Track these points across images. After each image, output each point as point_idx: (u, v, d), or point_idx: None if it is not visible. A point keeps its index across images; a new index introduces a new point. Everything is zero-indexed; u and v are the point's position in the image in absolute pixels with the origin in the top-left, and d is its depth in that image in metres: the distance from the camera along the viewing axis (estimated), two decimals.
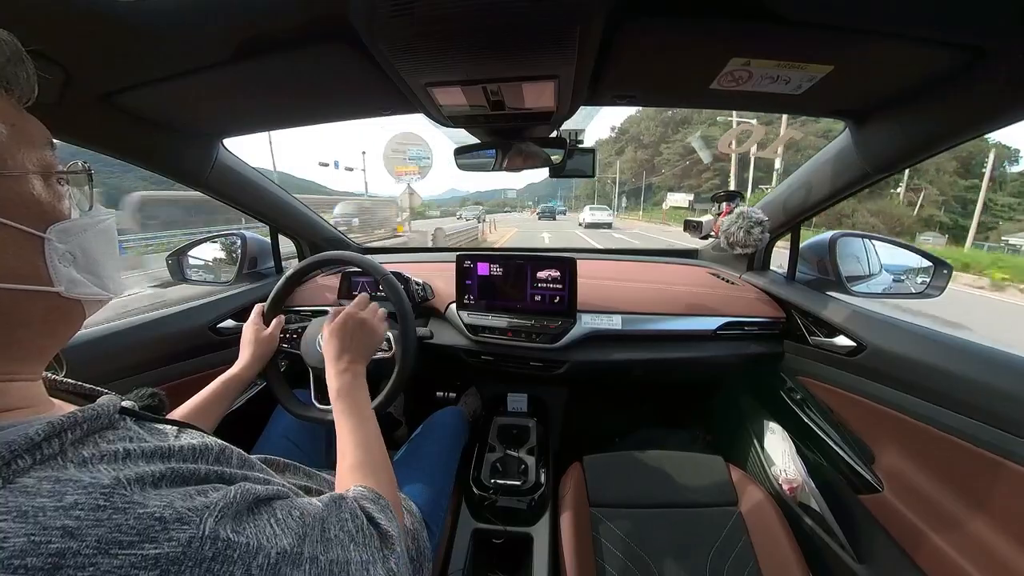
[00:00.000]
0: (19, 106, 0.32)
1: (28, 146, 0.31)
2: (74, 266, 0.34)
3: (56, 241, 0.33)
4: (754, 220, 1.10)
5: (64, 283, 0.33)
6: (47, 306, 0.33)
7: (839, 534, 0.92)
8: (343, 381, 0.67)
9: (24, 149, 0.31)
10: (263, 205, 1.26)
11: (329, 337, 0.72)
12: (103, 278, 0.37)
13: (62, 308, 0.34)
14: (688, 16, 0.55)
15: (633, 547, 0.87)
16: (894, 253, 1.10)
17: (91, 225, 0.36)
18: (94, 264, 0.36)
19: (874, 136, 0.83)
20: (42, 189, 0.32)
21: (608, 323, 1.12)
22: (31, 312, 0.32)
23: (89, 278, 0.36)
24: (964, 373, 0.70)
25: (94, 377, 0.89)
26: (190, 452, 0.33)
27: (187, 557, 0.26)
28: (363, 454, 0.57)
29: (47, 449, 0.27)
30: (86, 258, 0.36)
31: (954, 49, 0.57)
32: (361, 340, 0.74)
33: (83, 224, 0.35)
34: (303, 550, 0.33)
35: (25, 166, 0.31)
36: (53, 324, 0.34)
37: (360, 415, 0.63)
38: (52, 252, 0.32)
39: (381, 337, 0.78)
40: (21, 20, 0.50)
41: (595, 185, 64.67)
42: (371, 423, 0.63)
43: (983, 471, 0.66)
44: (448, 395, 1.55)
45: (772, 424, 1.17)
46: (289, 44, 0.60)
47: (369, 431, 0.61)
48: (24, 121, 0.32)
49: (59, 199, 0.34)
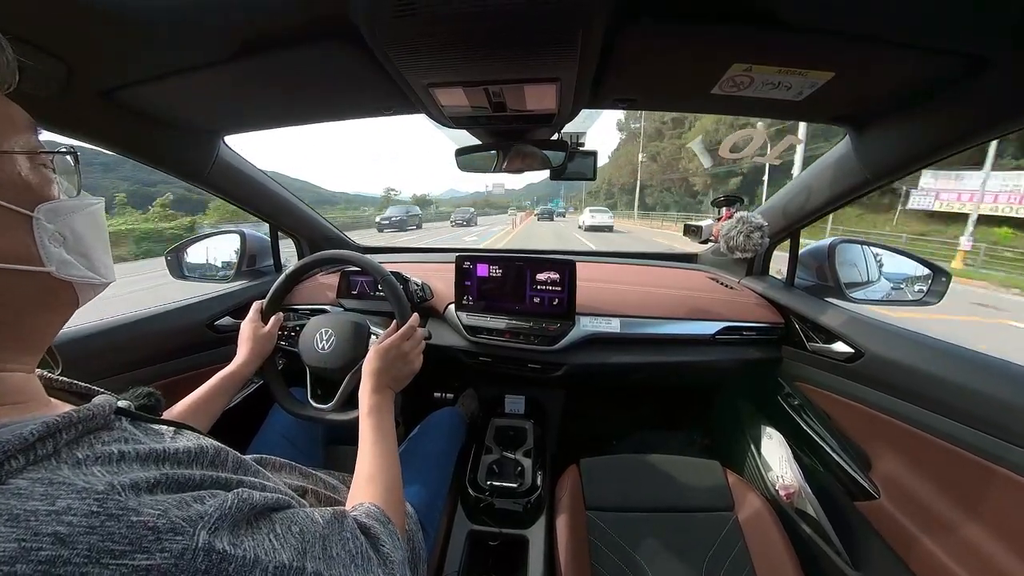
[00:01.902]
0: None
1: (11, 129, 0.32)
2: (64, 247, 0.35)
3: (44, 220, 0.33)
4: (754, 225, 1.10)
5: (55, 263, 0.33)
6: (39, 288, 0.33)
7: (835, 540, 0.92)
8: (375, 401, 0.70)
9: (7, 132, 0.31)
10: (263, 203, 1.26)
11: (374, 355, 0.76)
12: (94, 261, 0.37)
13: (54, 290, 0.34)
14: (690, 21, 0.55)
15: (629, 551, 0.87)
16: (893, 260, 1.11)
17: (79, 207, 0.37)
18: (84, 246, 0.37)
19: (874, 143, 0.83)
20: (28, 171, 0.32)
21: (607, 326, 1.12)
22: (23, 294, 0.32)
23: (80, 260, 0.36)
24: (962, 381, 0.70)
25: (90, 373, 0.88)
26: (185, 455, 0.33)
27: (179, 570, 0.25)
28: (379, 468, 0.60)
29: (41, 450, 0.27)
30: (76, 240, 0.36)
31: (955, 57, 0.57)
32: (400, 370, 0.77)
33: (71, 206, 0.36)
34: (304, 566, 0.33)
35: (11, 147, 0.31)
36: (45, 308, 0.34)
37: (384, 435, 0.66)
38: (41, 232, 0.33)
39: (415, 370, 0.80)
40: (23, 15, 0.50)
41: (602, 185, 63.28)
42: (393, 443, 0.66)
43: (979, 478, 0.66)
44: (446, 396, 1.55)
45: (769, 429, 1.17)
46: (291, 42, 0.60)
47: (389, 449, 0.64)
48: (5, 105, 0.32)
49: (47, 182, 0.34)
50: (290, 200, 1.34)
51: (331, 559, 0.36)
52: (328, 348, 0.88)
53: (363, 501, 0.53)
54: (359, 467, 0.60)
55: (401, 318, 0.83)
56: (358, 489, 0.57)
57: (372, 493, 0.55)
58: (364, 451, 0.62)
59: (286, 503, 0.37)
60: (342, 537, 0.39)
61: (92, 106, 0.72)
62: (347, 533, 0.40)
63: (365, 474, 0.59)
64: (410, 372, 0.79)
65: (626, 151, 56.59)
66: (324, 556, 0.35)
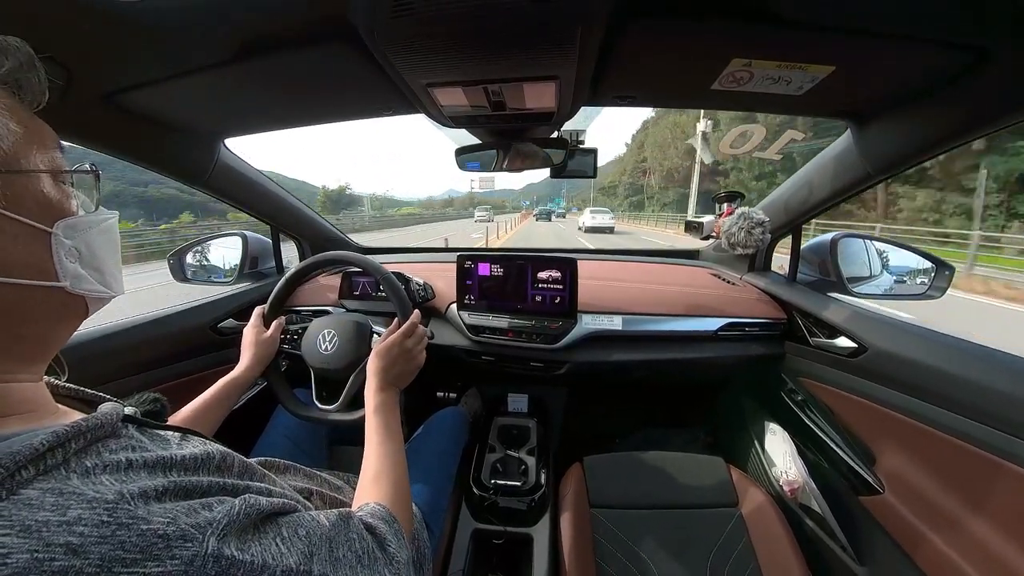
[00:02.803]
0: (29, 110, 0.33)
1: (40, 147, 0.33)
2: (79, 262, 0.35)
3: (63, 236, 0.33)
4: (755, 221, 1.10)
5: (70, 278, 0.34)
6: (52, 301, 0.34)
7: (840, 536, 0.91)
8: (380, 399, 0.70)
9: (36, 149, 0.32)
10: (265, 205, 1.26)
11: (375, 356, 0.76)
12: (106, 275, 0.38)
13: (67, 304, 0.35)
14: (689, 17, 0.55)
15: (633, 548, 0.87)
16: (895, 254, 1.10)
17: (96, 223, 0.37)
18: (98, 261, 0.37)
19: (876, 137, 0.82)
20: (51, 187, 0.33)
21: (609, 324, 1.11)
22: (37, 307, 0.32)
23: (93, 274, 0.37)
24: (965, 375, 0.69)
25: (94, 377, 0.89)
26: (192, 462, 0.33)
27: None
28: (385, 467, 0.60)
29: (51, 460, 0.27)
30: (91, 254, 0.36)
31: (957, 50, 0.57)
32: (403, 367, 0.77)
33: (88, 221, 0.36)
34: (311, 569, 0.33)
35: (37, 165, 0.32)
36: (56, 320, 0.35)
37: (391, 433, 0.66)
38: (59, 248, 0.33)
39: (419, 366, 0.80)
40: (24, 19, 0.50)
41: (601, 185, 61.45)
42: (399, 442, 0.66)
43: (984, 473, 0.66)
44: (449, 395, 1.55)
45: (773, 425, 1.17)
46: (291, 44, 0.61)
47: (396, 448, 0.64)
48: (35, 124, 0.33)
49: (66, 198, 0.35)
50: (291, 202, 1.34)
51: (337, 561, 0.36)
52: (331, 349, 0.88)
53: (369, 501, 0.53)
54: (365, 466, 0.60)
55: (403, 315, 0.84)
56: (364, 488, 0.57)
57: (378, 492, 0.55)
58: (370, 450, 0.62)
59: (292, 507, 0.37)
60: (348, 538, 0.40)
61: (93, 110, 0.72)
62: (353, 534, 0.41)
63: (372, 473, 0.59)
64: (414, 368, 0.79)
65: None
66: (331, 558, 0.36)
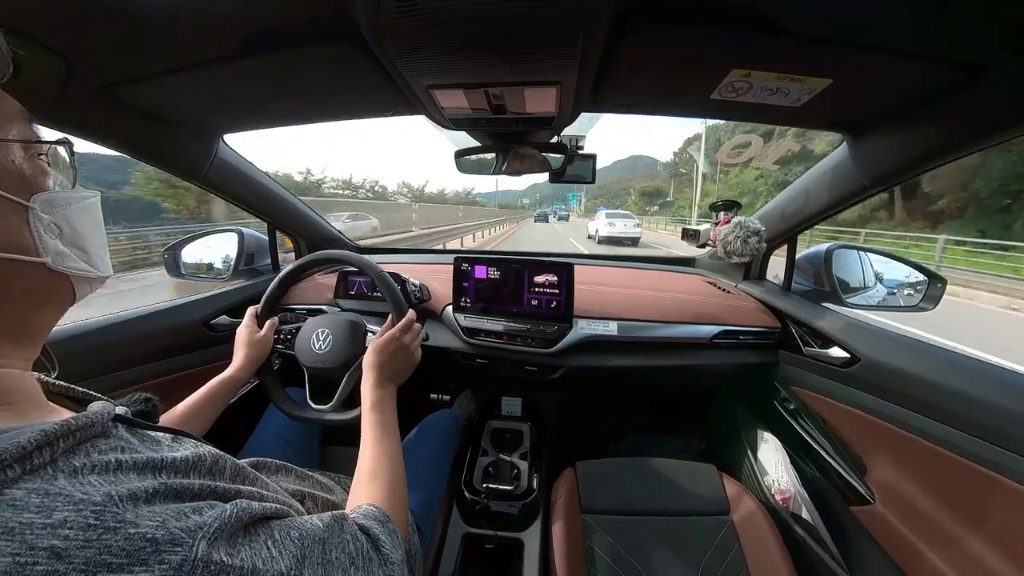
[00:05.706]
0: None
1: (4, 118, 0.32)
2: (60, 239, 0.34)
3: (40, 211, 0.33)
4: (751, 230, 1.11)
5: (51, 254, 0.33)
6: (35, 280, 0.33)
7: (831, 545, 0.92)
8: (376, 396, 0.70)
9: (1, 121, 0.31)
10: (262, 202, 1.26)
11: (372, 352, 0.75)
12: (90, 254, 0.37)
13: (49, 284, 0.34)
14: (690, 26, 0.55)
15: (624, 554, 0.87)
16: (889, 266, 1.11)
17: (75, 199, 0.37)
18: (81, 239, 0.36)
19: (872, 149, 0.83)
20: (23, 160, 0.32)
21: (604, 329, 1.12)
22: (18, 286, 0.32)
23: (76, 252, 0.36)
24: (957, 386, 0.70)
25: (85, 372, 0.88)
26: (183, 464, 0.32)
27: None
28: (382, 464, 0.59)
29: (37, 459, 0.26)
30: (73, 232, 0.36)
31: (953, 65, 0.58)
32: (401, 363, 0.77)
33: (67, 197, 0.36)
34: (302, 573, 0.32)
35: (4, 135, 0.31)
36: (41, 301, 0.34)
37: (387, 430, 0.65)
38: (37, 222, 0.32)
39: (415, 363, 0.80)
40: (22, 10, 0.50)
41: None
42: (396, 440, 0.65)
43: (975, 484, 0.67)
44: (442, 397, 1.54)
45: (766, 434, 1.17)
46: (292, 41, 0.60)
47: (393, 446, 0.64)
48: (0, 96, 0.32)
49: (42, 173, 0.34)
50: (288, 199, 1.34)
51: (330, 563, 0.36)
52: (325, 348, 0.87)
53: (363, 501, 0.52)
54: (361, 464, 0.59)
55: (398, 313, 0.83)
56: (360, 487, 0.56)
57: (374, 491, 0.54)
58: (367, 447, 0.61)
59: (284, 512, 0.36)
60: (342, 540, 0.39)
61: (91, 103, 0.72)
62: (347, 535, 0.40)
63: (367, 471, 0.58)
64: (411, 364, 0.79)
65: None
66: (323, 561, 0.35)
